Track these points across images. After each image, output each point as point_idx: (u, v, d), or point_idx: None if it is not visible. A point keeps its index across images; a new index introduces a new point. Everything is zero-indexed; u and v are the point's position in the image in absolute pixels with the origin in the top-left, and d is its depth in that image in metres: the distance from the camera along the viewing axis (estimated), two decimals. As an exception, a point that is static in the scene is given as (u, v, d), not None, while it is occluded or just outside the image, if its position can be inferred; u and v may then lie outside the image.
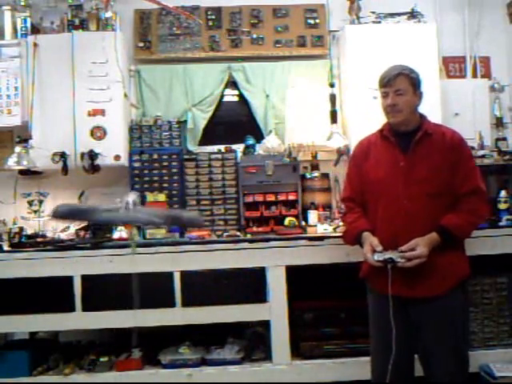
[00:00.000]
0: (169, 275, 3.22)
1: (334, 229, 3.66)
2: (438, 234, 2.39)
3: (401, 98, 2.48)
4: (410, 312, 2.47)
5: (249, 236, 3.80)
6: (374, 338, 2.59)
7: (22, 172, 4.19)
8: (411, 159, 2.47)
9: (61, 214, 2.39)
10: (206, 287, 3.21)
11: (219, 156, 4.26)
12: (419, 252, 2.35)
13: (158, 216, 2.40)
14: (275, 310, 3.20)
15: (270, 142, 4.26)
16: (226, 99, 4.65)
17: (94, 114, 4.05)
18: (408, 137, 2.50)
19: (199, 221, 2.88)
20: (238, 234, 3.85)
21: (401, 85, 2.49)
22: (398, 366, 2.42)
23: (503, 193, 3.64)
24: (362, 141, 2.73)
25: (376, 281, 2.52)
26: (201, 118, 4.49)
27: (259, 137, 4.44)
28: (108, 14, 4.19)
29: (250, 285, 3.20)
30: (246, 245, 3.31)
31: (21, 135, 3.95)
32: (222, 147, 4.36)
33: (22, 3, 4.21)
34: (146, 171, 4.20)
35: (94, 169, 4.02)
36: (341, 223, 3.72)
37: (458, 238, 2.45)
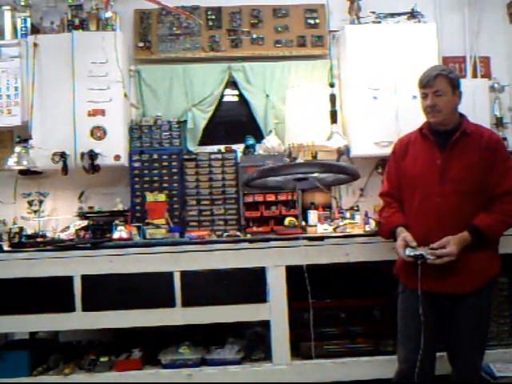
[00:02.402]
0: (169, 275, 3.21)
1: (334, 229, 3.66)
2: (470, 233, 2.41)
3: (440, 99, 2.50)
4: (440, 309, 2.49)
5: (249, 236, 3.79)
6: (402, 333, 2.59)
7: (22, 172, 4.19)
8: (448, 158, 2.50)
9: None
10: (206, 287, 3.21)
11: (219, 156, 4.26)
12: (449, 250, 2.38)
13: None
14: (275, 310, 3.20)
15: (270, 142, 4.26)
16: (226, 99, 4.66)
17: (93, 114, 4.06)
18: (447, 136, 2.53)
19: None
20: (238, 233, 3.85)
21: (440, 85, 2.50)
22: (422, 364, 2.43)
23: (503, 193, 3.63)
24: (403, 138, 2.74)
25: (407, 276, 2.54)
26: (201, 118, 4.49)
27: (259, 137, 4.45)
28: (108, 14, 4.19)
29: (250, 285, 3.20)
30: (246, 245, 3.31)
31: (21, 135, 3.96)
32: (222, 147, 4.37)
33: (22, 3, 4.22)
34: (146, 171, 4.20)
35: (94, 169, 4.02)
36: (341, 223, 3.73)
37: (489, 238, 2.45)
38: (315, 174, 3.08)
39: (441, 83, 2.50)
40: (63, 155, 3.99)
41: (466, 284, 2.44)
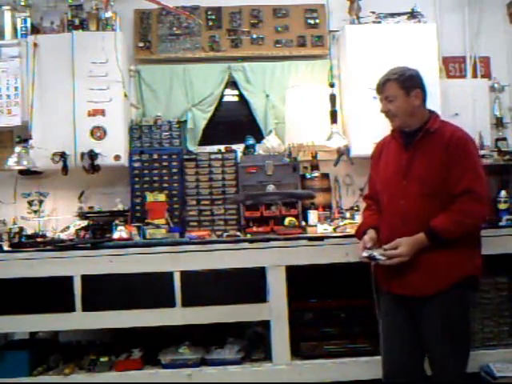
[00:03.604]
0: (169, 275, 3.22)
1: (334, 229, 3.66)
2: (426, 234, 2.38)
3: (392, 104, 2.51)
4: (409, 311, 2.49)
5: (249, 236, 3.79)
6: (382, 336, 2.61)
7: (21, 172, 4.19)
8: (411, 158, 2.49)
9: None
10: (206, 287, 3.22)
11: (219, 156, 4.25)
12: (398, 251, 2.39)
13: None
14: (275, 309, 3.20)
15: (270, 142, 4.26)
16: (226, 99, 4.65)
17: (93, 114, 4.05)
18: (413, 136, 2.52)
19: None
20: (238, 234, 3.85)
21: (389, 91, 2.51)
22: (404, 365, 2.44)
23: (503, 193, 3.65)
24: (379, 141, 2.76)
25: (381, 279, 2.57)
26: (201, 118, 4.49)
27: (259, 137, 4.44)
28: (108, 14, 4.18)
29: (250, 285, 3.20)
30: (246, 245, 3.31)
31: (21, 135, 3.95)
32: (222, 147, 4.36)
33: (22, 3, 4.21)
34: (146, 171, 4.20)
35: (94, 169, 4.01)
36: (341, 223, 3.74)
37: (445, 239, 2.38)
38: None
39: (390, 89, 2.50)
40: (63, 155, 3.98)
41: (428, 286, 2.40)
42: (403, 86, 2.49)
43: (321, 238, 3.34)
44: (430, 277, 2.40)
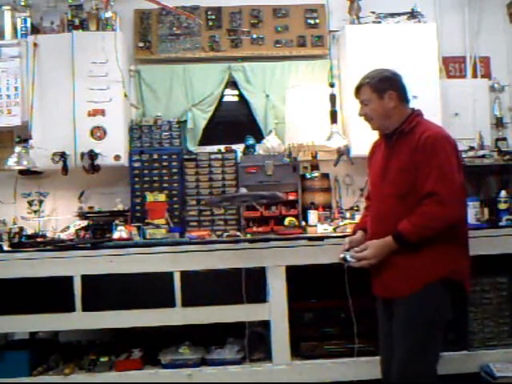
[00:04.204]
0: (169, 275, 3.22)
1: (334, 229, 3.66)
2: (393, 238, 2.36)
3: (367, 108, 2.53)
4: (391, 312, 2.49)
5: (249, 236, 3.79)
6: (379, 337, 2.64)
7: (22, 172, 4.19)
8: (387, 160, 2.49)
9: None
10: (206, 287, 3.21)
11: (219, 156, 4.26)
12: (364, 254, 2.41)
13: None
14: (275, 310, 3.20)
15: (270, 142, 4.26)
16: (226, 99, 4.65)
17: (94, 114, 4.05)
18: (392, 138, 2.52)
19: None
20: (238, 234, 3.85)
21: (364, 95, 2.53)
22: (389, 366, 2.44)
23: (503, 193, 3.64)
24: (373, 142, 2.75)
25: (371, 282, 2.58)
26: (201, 118, 4.49)
27: (259, 137, 4.44)
28: (108, 14, 4.19)
29: (250, 285, 3.20)
30: (246, 245, 3.31)
31: (21, 135, 3.95)
32: (222, 147, 4.36)
33: (22, 3, 4.21)
34: (146, 171, 4.20)
35: (94, 169, 4.02)
36: (341, 223, 3.74)
37: (410, 242, 2.33)
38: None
39: (364, 93, 2.52)
40: (63, 155, 3.98)
41: (396, 288, 2.39)
42: (375, 89, 2.49)
43: (321, 238, 3.34)
44: (404, 278, 2.37)
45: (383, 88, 2.48)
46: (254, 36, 4.52)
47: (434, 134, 2.39)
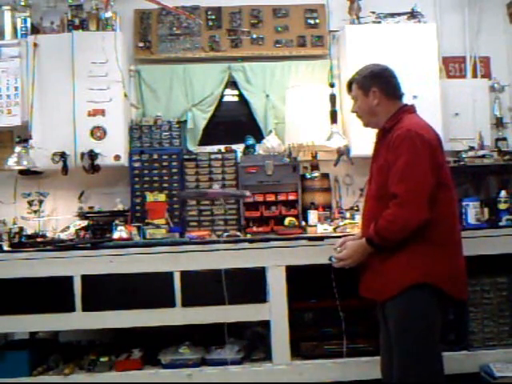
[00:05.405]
0: (169, 275, 3.22)
1: (334, 229, 3.66)
2: (366, 240, 2.35)
3: (357, 104, 2.55)
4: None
5: (249, 236, 3.80)
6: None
7: (22, 172, 4.19)
8: (373, 160, 2.52)
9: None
10: (206, 287, 3.22)
11: (219, 156, 4.25)
12: (341, 255, 2.43)
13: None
14: (275, 310, 3.21)
15: (270, 142, 4.26)
16: (226, 99, 4.65)
17: (94, 114, 4.05)
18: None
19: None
20: (238, 234, 3.85)
21: (353, 92, 2.55)
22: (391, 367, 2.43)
23: (503, 193, 3.64)
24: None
25: None
26: (201, 118, 4.49)
27: (259, 137, 4.44)
28: (108, 14, 4.18)
29: (250, 285, 3.20)
30: (246, 245, 3.31)
31: (21, 135, 3.95)
32: (222, 147, 4.36)
33: (22, 3, 4.21)
34: (146, 171, 4.20)
35: (94, 169, 4.01)
36: (341, 223, 3.74)
37: (381, 245, 2.29)
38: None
39: (353, 89, 2.54)
40: (63, 155, 3.98)
41: (380, 290, 2.36)
42: (361, 86, 2.50)
43: (321, 238, 3.34)
44: (382, 282, 2.34)
45: (367, 85, 2.48)
46: (254, 36, 4.52)
47: (404, 131, 2.29)
